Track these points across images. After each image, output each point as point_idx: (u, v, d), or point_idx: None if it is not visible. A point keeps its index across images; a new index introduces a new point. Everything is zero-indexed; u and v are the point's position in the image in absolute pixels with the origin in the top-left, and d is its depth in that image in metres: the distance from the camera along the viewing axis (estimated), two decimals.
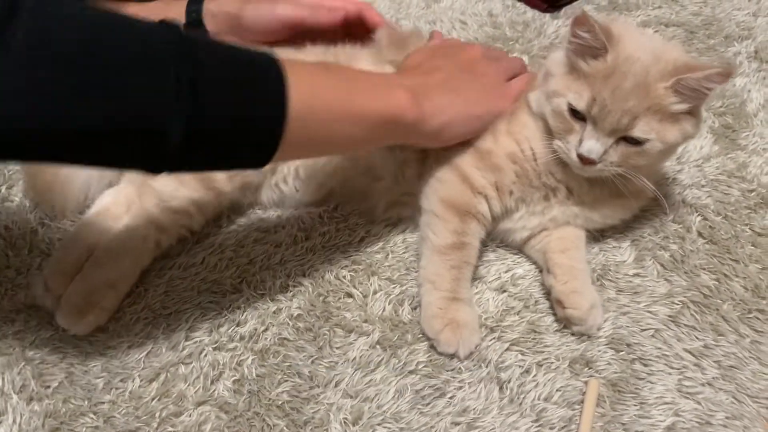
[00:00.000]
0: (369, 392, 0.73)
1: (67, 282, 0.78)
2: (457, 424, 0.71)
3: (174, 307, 0.80)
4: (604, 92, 0.71)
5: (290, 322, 0.79)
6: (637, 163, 0.75)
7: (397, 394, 0.73)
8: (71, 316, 0.76)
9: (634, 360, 0.76)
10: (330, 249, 0.86)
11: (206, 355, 0.76)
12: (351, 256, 0.85)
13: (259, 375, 0.74)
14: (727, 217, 0.89)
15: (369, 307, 0.80)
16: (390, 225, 0.88)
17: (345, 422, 0.71)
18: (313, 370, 0.75)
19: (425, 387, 0.74)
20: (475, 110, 0.78)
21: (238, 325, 0.78)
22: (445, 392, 0.73)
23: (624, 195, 0.80)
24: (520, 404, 0.72)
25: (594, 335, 0.77)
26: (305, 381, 0.74)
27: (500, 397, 0.73)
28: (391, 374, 0.75)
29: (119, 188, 0.86)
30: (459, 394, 0.73)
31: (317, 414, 0.72)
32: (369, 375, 0.75)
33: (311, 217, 0.89)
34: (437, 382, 0.74)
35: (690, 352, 0.76)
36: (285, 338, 0.77)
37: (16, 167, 0.91)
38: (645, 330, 0.78)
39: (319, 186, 0.89)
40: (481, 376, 0.75)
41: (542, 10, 1.20)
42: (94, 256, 0.80)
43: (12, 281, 0.82)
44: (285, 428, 0.71)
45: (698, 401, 0.73)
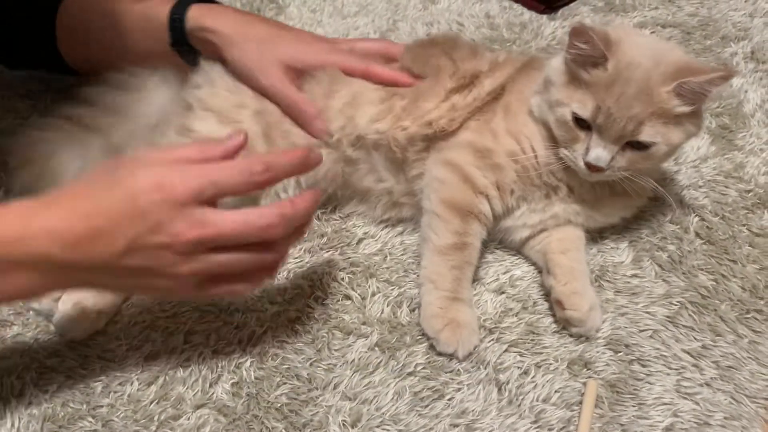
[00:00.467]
0: (368, 394, 0.73)
1: None
2: (456, 426, 0.71)
3: (172, 310, 0.80)
4: (608, 100, 0.71)
5: (288, 325, 0.79)
6: (644, 166, 0.76)
7: (396, 396, 0.73)
8: (68, 321, 0.76)
9: (633, 361, 0.76)
10: (328, 251, 0.86)
11: (204, 358, 0.76)
12: (349, 258, 0.85)
13: (258, 378, 0.74)
14: (725, 218, 0.89)
15: (367, 309, 0.80)
16: (388, 227, 0.89)
17: (344, 424, 0.71)
18: (312, 373, 0.75)
19: (424, 389, 0.74)
20: None
21: (237, 328, 0.78)
22: (444, 394, 0.73)
23: (625, 193, 0.80)
24: (519, 405, 0.72)
25: (593, 337, 0.77)
26: (304, 383, 0.74)
27: (499, 399, 0.73)
28: (390, 376, 0.75)
29: None
30: (458, 396, 0.73)
31: (316, 416, 0.72)
32: (367, 377, 0.74)
33: None
34: (436, 384, 0.74)
35: (688, 353, 0.76)
36: (283, 341, 0.77)
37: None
38: (643, 331, 0.78)
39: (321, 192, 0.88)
40: (480, 378, 0.75)
41: (539, 12, 1.21)
42: None
43: None
44: (284, 431, 0.70)
45: (696, 402, 0.73)
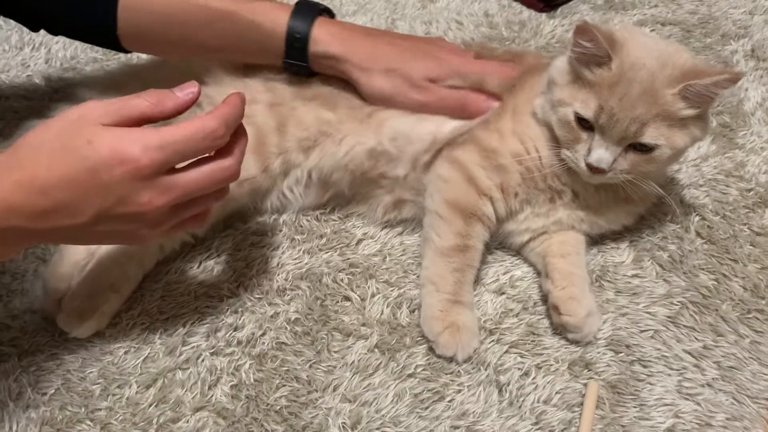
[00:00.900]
0: (367, 396, 0.73)
1: (66, 286, 0.78)
2: (457, 428, 0.71)
3: (171, 312, 0.80)
4: (611, 101, 0.71)
5: (288, 326, 0.78)
6: (647, 170, 0.75)
7: (396, 398, 0.73)
8: (73, 320, 0.76)
9: (634, 361, 0.75)
10: (327, 252, 0.85)
11: (204, 361, 0.75)
12: (349, 259, 0.85)
13: (257, 380, 0.74)
14: (726, 217, 0.88)
15: (367, 311, 0.80)
16: (388, 227, 0.88)
17: (344, 427, 0.71)
18: (312, 375, 0.74)
19: (424, 390, 0.73)
20: None
21: (236, 330, 0.78)
22: (444, 396, 0.73)
23: (629, 199, 0.80)
24: (520, 407, 0.72)
25: (590, 343, 0.77)
26: (303, 385, 0.74)
27: (499, 400, 0.73)
28: (390, 378, 0.74)
29: None
30: (458, 398, 0.73)
31: (316, 419, 0.71)
32: (367, 379, 0.74)
33: (308, 221, 0.89)
34: (436, 386, 0.74)
35: (689, 353, 0.76)
36: (283, 342, 0.77)
37: None
38: (644, 331, 0.78)
39: (325, 190, 0.88)
40: (480, 379, 0.74)
41: (538, 10, 1.20)
42: (97, 260, 0.79)
43: (7, 287, 0.82)
44: None
45: (698, 402, 0.72)
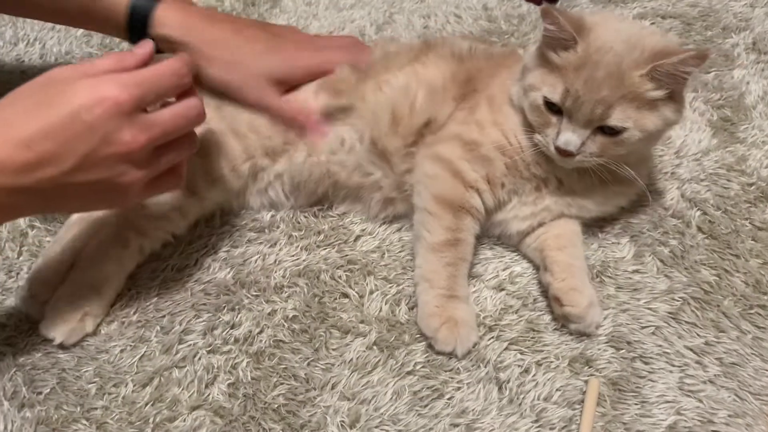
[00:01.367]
0: (366, 394, 0.72)
1: (52, 288, 0.77)
2: (456, 426, 0.70)
3: (167, 310, 0.79)
4: (577, 83, 0.71)
5: (285, 324, 0.77)
6: (618, 153, 0.74)
7: (395, 396, 0.72)
8: (56, 325, 0.74)
9: (635, 358, 0.75)
10: (325, 248, 0.85)
11: (200, 359, 0.75)
12: (347, 256, 0.84)
13: (255, 378, 0.73)
14: (727, 212, 0.87)
15: (365, 308, 0.79)
16: (386, 223, 0.87)
17: (342, 425, 0.70)
18: (310, 373, 0.74)
19: (423, 388, 0.73)
20: None
21: (233, 328, 0.77)
22: (444, 393, 0.72)
23: (616, 182, 0.79)
24: (520, 404, 0.71)
25: (592, 333, 0.76)
26: (301, 384, 0.73)
27: (499, 398, 0.72)
28: (389, 375, 0.74)
29: None
30: (457, 395, 0.72)
31: (314, 417, 0.71)
32: (366, 377, 0.73)
33: (306, 217, 0.88)
34: (435, 383, 0.73)
35: (691, 350, 0.75)
36: (280, 340, 0.76)
37: None
38: (645, 327, 0.77)
39: (310, 193, 0.87)
40: (480, 377, 0.74)
41: (537, 3, 1.19)
42: (79, 262, 0.78)
43: (2, 285, 0.81)
44: None
45: (700, 399, 0.72)
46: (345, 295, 0.80)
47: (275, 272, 0.82)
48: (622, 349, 0.75)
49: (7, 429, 0.69)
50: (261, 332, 0.77)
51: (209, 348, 0.76)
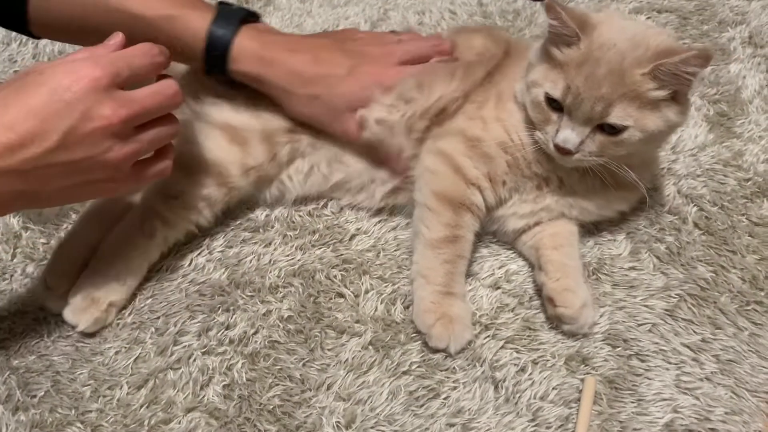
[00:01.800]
0: (362, 394, 0.72)
1: (68, 279, 0.77)
2: (452, 425, 0.70)
3: (162, 311, 0.78)
4: (578, 80, 0.70)
5: (280, 324, 0.77)
6: (617, 153, 0.73)
7: (391, 396, 0.72)
8: (79, 312, 0.75)
9: (631, 356, 0.74)
10: (320, 248, 0.84)
11: (195, 360, 0.74)
12: (342, 255, 0.83)
13: (250, 379, 0.73)
14: (724, 207, 0.87)
15: (361, 307, 0.79)
16: (381, 222, 0.87)
17: (338, 426, 0.70)
18: (305, 373, 0.73)
19: (419, 388, 0.72)
20: None
21: (228, 328, 0.77)
22: (440, 393, 0.72)
23: (619, 186, 0.78)
24: (516, 403, 0.71)
25: (585, 334, 0.76)
26: (297, 384, 0.73)
27: (495, 397, 0.72)
28: (384, 375, 0.73)
29: None
30: (453, 395, 0.72)
31: (309, 418, 0.70)
32: (361, 377, 0.73)
33: (301, 216, 0.87)
34: (431, 383, 0.73)
35: (688, 347, 0.75)
36: (275, 341, 0.76)
37: None
38: (642, 325, 0.77)
39: (325, 179, 0.86)
40: (476, 376, 0.73)
41: None
42: (101, 251, 0.78)
43: None
44: None
45: (697, 397, 0.72)
46: (340, 295, 0.80)
47: (270, 272, 0.82)
48: (619, 347, 0.75)
49: None
50: (256, 333, 0.76)
51: (204, 349, 0.75)
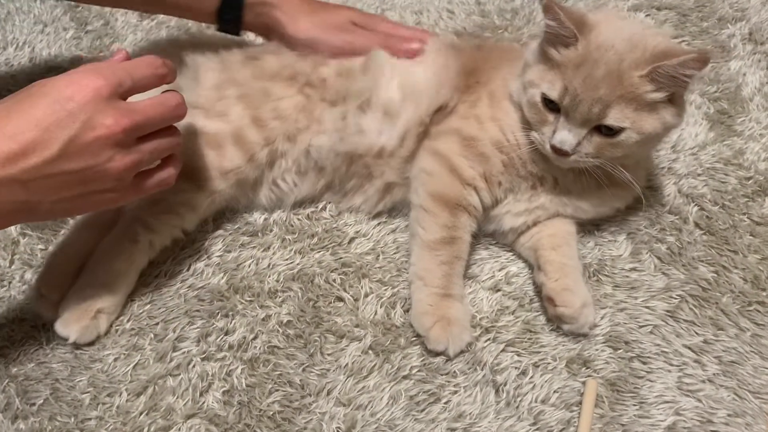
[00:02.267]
0: (362, 399, 0.72)
1: (61, 288, 0.77)
2: (453, 430, 0.69)
3: (161, 317, 0.78)
4: (575, 81, 0.70)
5: (280, 329, 0.77)
6: (614, 155, 0.73)
7: (391, 401, 0.71)
8: (70, 323, 0.74)
9: (633, 358, 0.74)
10: (319, 251, 0.84)
11: (194, 366, 0.74)
12: (341, 259, 0.83)
13: (249, 385, 0.73)
14: (725, 207, 0.87)
15: (360, 311, 0.78)
16: (380, 225, 0.86)
17: (338, 431, 0.69)
18: (305, 379, 0.73)
19: (420, 392, 0.72)
20: None
21: (227, 334, 0.77)
22: (440, 397, 0.72)
23: (613, 185, 0.78)
24: (517, 407, 0.71)
25: (585, 334, 0.75)
26: (296, 390, 0.72)
27: (496, 401, 0.72)
28: (385, 380, 0.73)
29: None
30: (454, 399, 0.72)
31: (310, 424, 0.70)
32: (362, 382, 0.73)
33: (299, 220, 0.87)
34: (432, 387, 0.72)
35: (689, 348, 0.75)
36: (275, 346, 0.76)
37: None
38: (643, 326, 0.76)
39: (318, 178, 0.86)
40: (477, 380, 0.73)
41: None
42: (89, 262, 0.78)
43: None
44: None
45: (699, 399, 0.71)
46: (340, 299, 0.80)
47: (269, 277, 0.81)
48: (620, 349, 0.75)
49: None
50: (255, 338, 0.76)
51: (203, 355, 0.75)
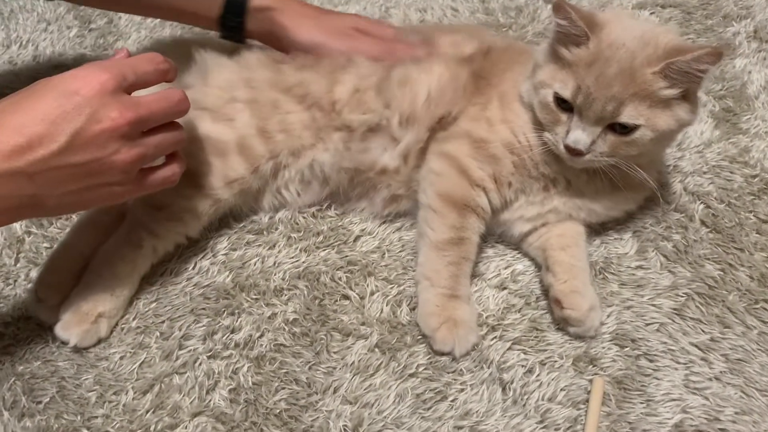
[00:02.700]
0: (369, 397, 0.71)
1: (59, 291, 0.76)
2: (460, 428, 0.69)
3: (167, 315, 0.78)
4: (588, 80, 0.70)
5: (286, 327, 0.77)
6: (629, 153, 0.73)
7: (398, 399, 0.71)
8: (70, 327, 0.74)
9: (640, 356, 0.74)
10: (325, 250, 0.84)
11: (201, 364, 0.74)
12: (346, 257, 0.83)
13: (256, 383, 0.73)
14: (731, 204, 0.86)
15: (366, 309, 0.78)
16: (386, 223, 0.86)
17: (345, 429, 0.69)
18: (311, 377, 0.73)
19: (426, 390, 0.72)
20: None
21: (233, 332, 0.76)
22: (447, 395, 0.72)
23: (627, 186, 0.77)
24: (524, 405, 0.71)
25: (591, 337, 0.75)
26: (303, 388, 0.72)
27: (503, 399, 0.71)
28: (391, 378, 0.73)
29: None
30: (461, 397, 0.72)
31: (316, 422, 0.70)
32: (368, 380, 0.73)
33: (305, 218, 0.87)
34: (438, 385, 0.72)
35: (696, 346, 0.75)
36: (281, 344, 0.75)
37: None
38: (649, 324, 0.76)
39: (322, 189, 0.86)
40: (483, 378, 0.73)
41: None
42: (91, 266, 0.78)
43: None
44: None
45: (706, 397, 0.71)
46: (345, 297, 0.79)
47: (275, 275, 0.81)
48: (627, 347, 0.75)
49: None
50: (261, 336, 0.76)
51: (210, 353, 0.75)
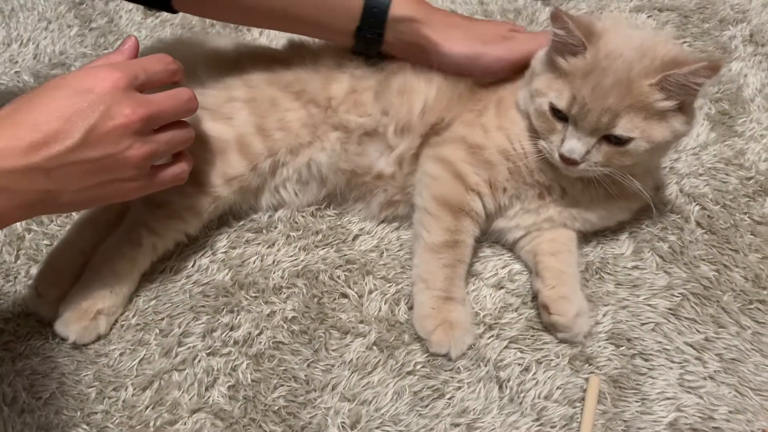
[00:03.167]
0: (367, 395, 0.72)
1: (59, 287, 0.77)
2: (457, 426, 0.70)
3: (166, 312, 0.78)
4: (584, 90, 0.70)
5: (285, 325, 0.77)
6: (623, 164, 0.73)
7: (396, 396, 0.72)
8: (69, 323, 0.74)
9: (635, 355, 0.75)
10: (324, 248, 0.84)
11: (200, 361, 0.75)
12: (345, 256, 0.83)
13: (255, 380, 0.73)
14: (726, 206, 0.87)
15: (365, 308, 0.79)
16: (384, 222, 0.87)
17: (343, 426, 0.70)
18: (310, 374, 0.74)
19: (424, 388, 0.73)
20: None
21: (232, 329, 0.77)
22: (444, 393, 0.72)
23: (621, 195, 0.78)
24: (521, 403, 0.71)
25: (579, 343, 0.76)
26: (301, 385, 0.73)
27: (500, 397, 0.72)
28: (389, 376, 0.73)
29: None
30: (458, 395, 0.72)
31: (314, 419, 0.71)
32: (366, 377, 0.73)
33: (304, 217, 0.87)
34: (436, 383, 0.73)
35: (691, 346, 0.75)
36: (280, 342, 0.76)
37: None
38: (645, 324, 0.77)
39: (319, 189, 0.87)
40: (480, 376, 0.73)
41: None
42: (91, 264, 0.78)
43: None
44: None
45: (700, 395, 0.72)
46: (344, 296, 0.80)
47: (274, 273, 0.82)
48: (622, 346, 0.75)
49: None
50: (260, 334, 0.77)
51: (209, 350, 0.75)
